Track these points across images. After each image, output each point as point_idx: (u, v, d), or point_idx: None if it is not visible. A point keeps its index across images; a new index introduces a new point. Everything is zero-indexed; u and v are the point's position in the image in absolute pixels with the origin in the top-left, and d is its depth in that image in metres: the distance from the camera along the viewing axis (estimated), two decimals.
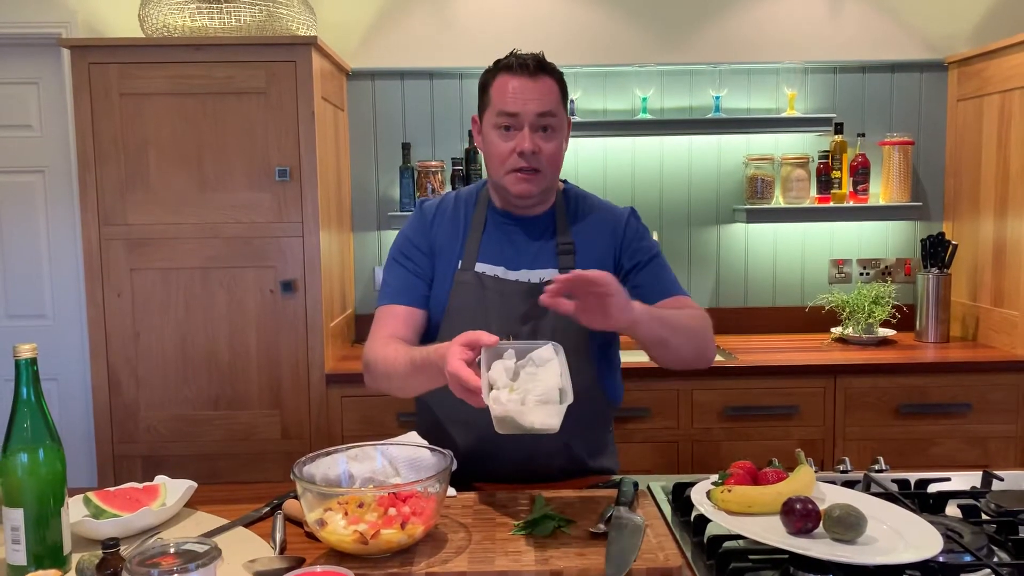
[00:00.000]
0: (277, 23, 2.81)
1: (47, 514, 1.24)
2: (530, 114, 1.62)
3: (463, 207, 1.78)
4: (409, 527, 1.26)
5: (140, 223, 2.73)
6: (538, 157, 1.64)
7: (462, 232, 1.74)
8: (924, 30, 3.32)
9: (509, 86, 1.63)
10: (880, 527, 1.24)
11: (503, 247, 1.72)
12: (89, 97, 2.70)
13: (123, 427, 2.78)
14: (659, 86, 3.34)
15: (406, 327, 1.69)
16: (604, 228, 1.76)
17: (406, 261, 1.74)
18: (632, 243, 1.75)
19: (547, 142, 1.65)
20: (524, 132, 1.63)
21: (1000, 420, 2.82)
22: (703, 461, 2.80)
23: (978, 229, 3.16)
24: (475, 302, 1.67)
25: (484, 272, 1.70)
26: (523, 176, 1.65)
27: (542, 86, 1.64)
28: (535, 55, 1.67)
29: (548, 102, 1.64)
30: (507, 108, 1.63)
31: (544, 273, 1.69)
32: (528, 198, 1.69)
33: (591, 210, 1.78)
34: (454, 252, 1.73)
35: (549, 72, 1.66)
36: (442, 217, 1.77)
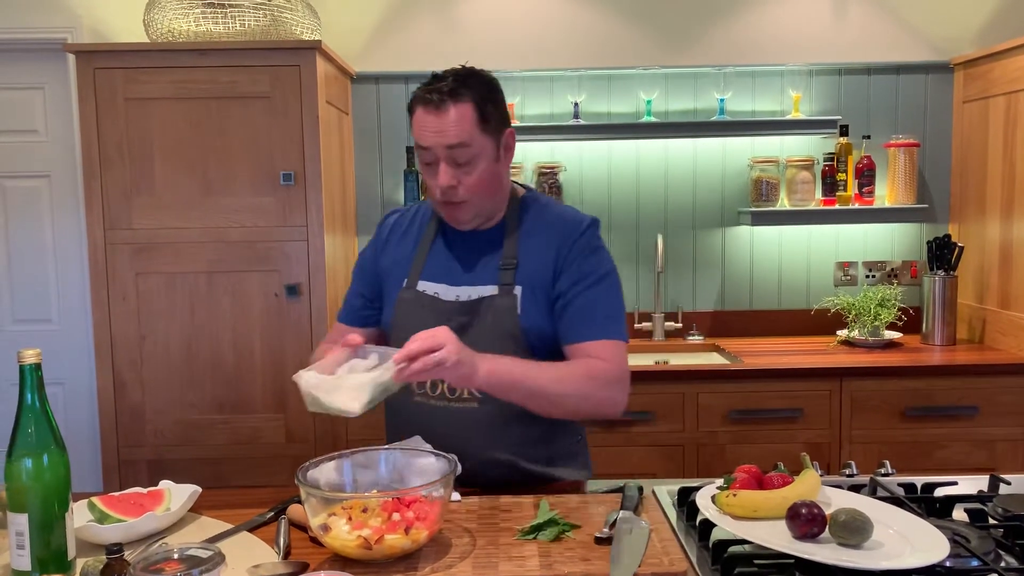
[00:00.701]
0: (281, 27, 2.81)
1: (52, 519, 1.24)
2: (440, 148, 1.58)
3: (417, 223, 1.78)
4: (413, 532, 1.26)
5: (145, 227, 2.74)
6: (456, 191, 1.59)
7: (411, 250, 1.75)
8: (929, 32, 3.31)
9: (420, 120, 1.59)
10: (886, 531, 1.23)
11: (448, 263, 1.71)
12: (94, 102, 2.70)
13: (128, 431, 2.78)
14: (663, 89, 3.34)
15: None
16: (551, 238, 1.67)
17: (354, 281, 1.82)
18: (575, 264, 1.66)
19: (467, 174, 1.59)
20: (440, 167, 1.59)
21: (1007, 423, 2.81)
22: (708, 465, 2.80)
23: (984, 231, 3.14)
24: (414, 320, 1.63)
25: (424, 291, 1.70)
26: (449, 206, 1.64)
27: (450, 116, 1.56)
28: (449, 79, 1.59)
29: (457, 133, 1.56)
30: (420, 142, 1.61)
31: (484, 290, 1.65)
32: (462, 224, 1.68)
33: (544, 219, 1.71)
34: (401, 270, 1.74)
35: (458, 98, 1.57)
36: (395, 234, 1.79)
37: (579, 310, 1.64)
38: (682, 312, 3.40)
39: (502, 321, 1.64)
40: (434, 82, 1.60)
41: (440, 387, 1.64)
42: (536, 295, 1.65)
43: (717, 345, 3.26)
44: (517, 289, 1.65)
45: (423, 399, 1.66)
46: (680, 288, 3.43)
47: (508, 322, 1.63)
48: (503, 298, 1.64)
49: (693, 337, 3.34)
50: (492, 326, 1.63)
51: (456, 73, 1.62)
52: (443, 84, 1.58)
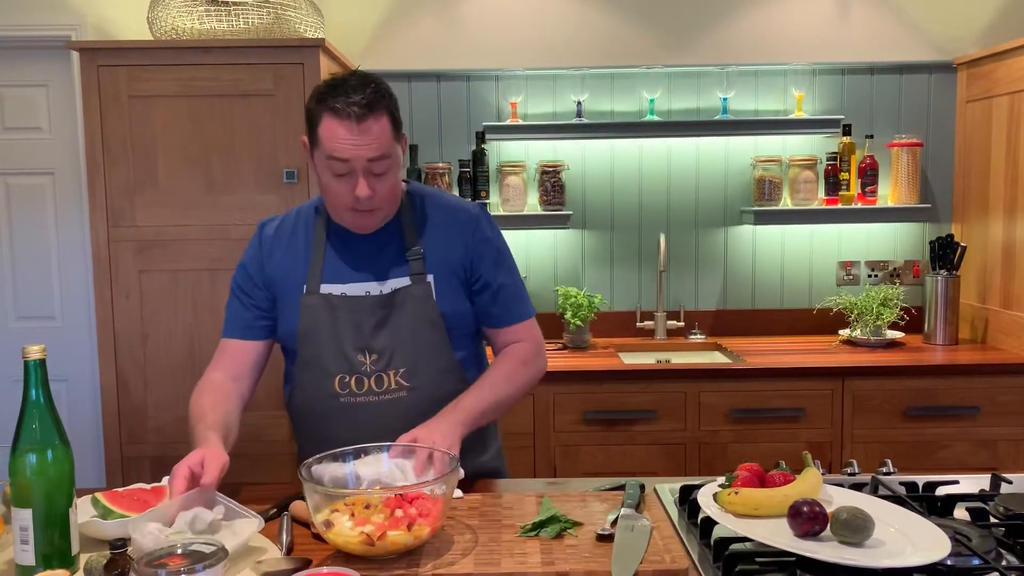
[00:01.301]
0: (285, 25, 2.81)
1: (56, 514, 1.25)
2: (361, 160, 1.55)
3: (302, 228, 1.74)
4: (416, 528, 1.26)
5: (149, 225, 2.74)
6: (372, 200, 1.59)
7: (303, 256, 1.71)
8: (932, 31, 3.31)
9: (338, 133, 1.54)
10: (888, 530, 1.23)
11: (348, 263, 1.69)
12: (98, 99, 2.71)
13: (131, 428, 2.79)
14: (666, 88, 3.34)
15: (235, 363, 1.74)
16: (453, 230, 1.72)
17: (241, 294, 1.75)
18: (484, 253, 1.73)
19: (382, 182, 1.59)
20: (359, 179, 1.56)
21: (1009, 423, 2.81)
22: (710, 463, 2.80)
23: (987, 231, 3.14)
24: (326, 323, 1.66)
25: (330, 292, 1.67)
26: (361, 214, 1.62)
27: (373, 129, 1.55)
28: (365, 91, 1.56)
29: (380, 145, 1.56)
30: (337, 155, 1.55)
31: (395, 282, 1.67)
32: (368, 229, 1.67)
33: (438, 210, 1.75)
34: (297, 277, 1.70)
35: (379, 109, 1.56)
36: (279, 242, 1.74)
37: (497, 298, 1.74)
38: (684, 311, 3.40)
39: (421, 309, 1.67)
40: (346, 92, 1.55)
41: (367, 383, 1.65)
42: (449, 281, 1.70)
43: (719, 344, 3.26)
44: (429, 277, 1.69)
45: (349, 399, 1.66)
46: (682, 287, 3.43)
47: (427, 309, 1.67)
48: (418, 286, 1.68)
49: (695, 336, 3.34)
50: (412, 315, 1.66)
51: (365, 82, 1.58)
52: (360, 96, 1.54)
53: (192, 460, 1.45)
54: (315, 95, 1.60)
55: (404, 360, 1.66)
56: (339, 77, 1.60)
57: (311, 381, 1.69)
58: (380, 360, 1.65)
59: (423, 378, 1.67)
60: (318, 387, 1.68)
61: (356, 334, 1.65)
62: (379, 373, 1.65)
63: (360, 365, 1.65)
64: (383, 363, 1.65)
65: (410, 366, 1.66)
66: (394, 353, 1.65)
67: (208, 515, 1.32)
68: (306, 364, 1.70)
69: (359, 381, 1.66)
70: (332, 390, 1.66)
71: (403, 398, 1.66)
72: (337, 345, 1.66)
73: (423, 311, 1.67)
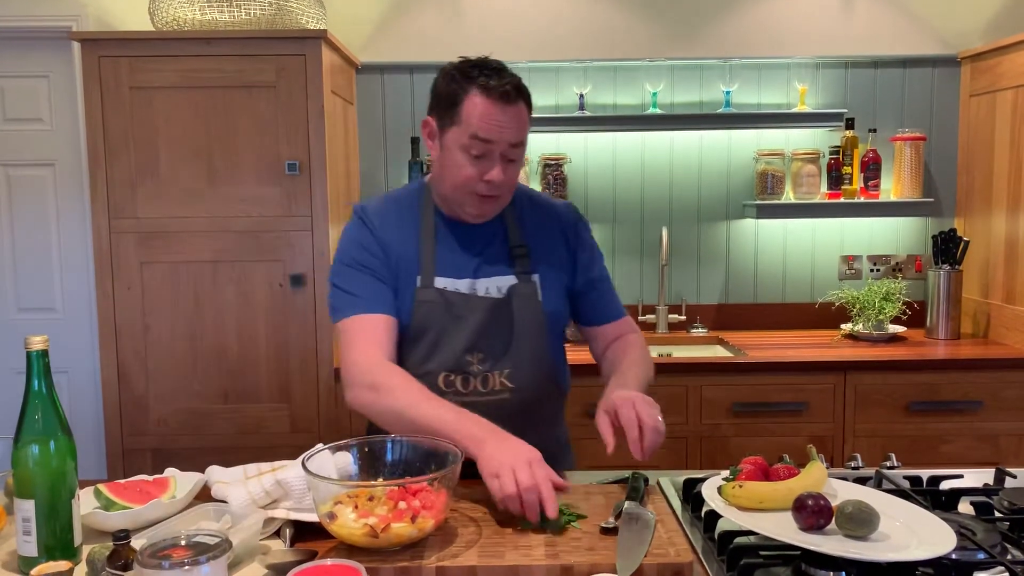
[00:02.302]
0: (287, 17, 2.80)
1: (58, 505, 1.24)
2: (504, 144, 1.55)
3: (408, 212, 1.70)
4: (419, 521, 1.26)
5: (150, 216, 2.74)
6: (503, 184, 1.59)
7: (414, 242, 1.67)
8: (936, 25, 3.29)
9: (487, 111, 1.53)
10: (892, 524, 1.23)
11: (456, 257, 1.67)
12: (99, 90, 2.70)
13: (133, 420, 2.79)
14: (669, 81, 3.33)
15: (388, 338, 1.61)
16: (554, 228, 1.74)
17: (367, 269, 1.64)
18: (584, 251, 1.76)
19: (512, 169, 1.60)
20: (495, 161, 1.56)
21: (1012, 417, 2.81)
22: (712, 458, 2.80)
23: (990, 225, 3.14)
24: (439, 319, 1.64)
25: (445, 288, 1.64)
26: (484, 199, 1.61)
27: (519, 113, 1.56)
28: (511, 76, 1.57)
29: (521, 130, 1.58)
30: (481, 135, 1.54)
31: (502, 281, 1.67)
32: (485, 218, 1.66)
33: (538, 208, 1.76)
34: (411, 264, 1.66)
35: (522, 95, 1.58)
36: (388, 222, 1.68)
37: (600, 293, 1.78)
38: (686, 305, 3.40)
39: (528, 309, 1.67)
40: (494, 73, 1.55)
41: (473, 382, 1.64)
42: (552, 281, 1.71)
43: (721, 338, 3.26)
44: (535, 276, 1.69)
45: (453, 397, 1.62)
46: (684, 281, 3.42)
47: (533, 309, 1.68)
48: (525, 286, 1.67)
49: (697, 330, 3.34)
50: (519, 315, 1.66)
51: (502, 66, 1.59)
52: (508, 79, 1.55)
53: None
54: (455, 74, 1.57)
55: (510, 361, 1.65)
56: (472, 60, 1.59)
57: (415, 375, 1.63)
58: (487, 360, 1.64)
59: (525, 379, 1.67)
60: (423, 382, 1.61)
61: (467, 334, 1.63)
62: (485, 373, 1.64)
63: (468, 365, 1.64)
64: (490, 363, 1.64)
65: (514, 367, 1.66)
66: (502, 354, 1.65)
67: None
68: (413, 358, 1.66)
69: (465, 381, 1.64)
70: (437, 387, 1.63)
71: (505, 399, 1.65)
72: (448, 343, 1.63)
73: (530, 311, 1.67)
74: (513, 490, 1.32)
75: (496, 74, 1.56)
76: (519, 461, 1.35)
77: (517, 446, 1.40)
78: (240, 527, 1.29)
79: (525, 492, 1.32)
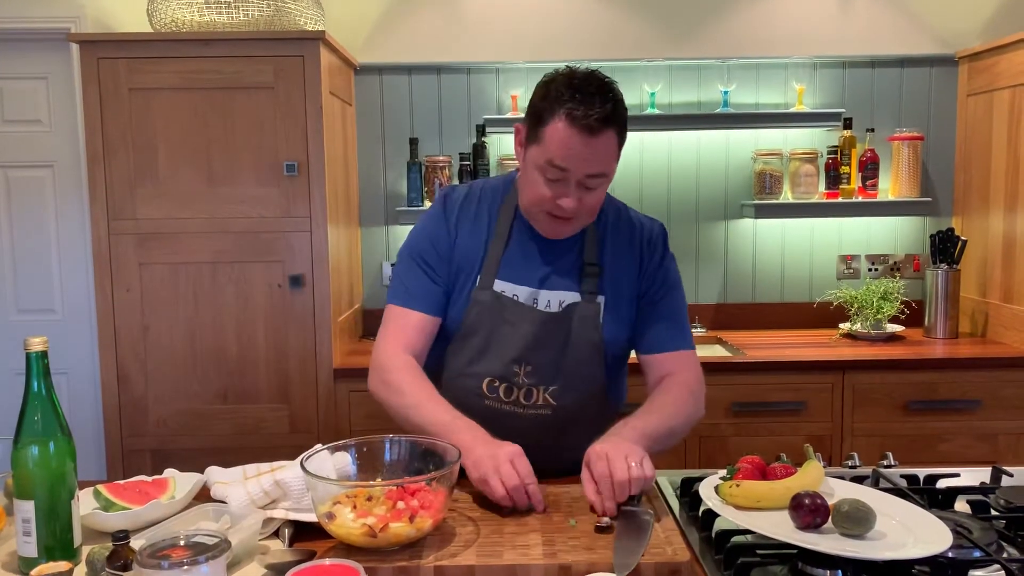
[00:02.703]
0: (285, 18, 2.81)
1: (58, 506, 1.25)
2: (581, 174, 1.50)
3: (487, 208, 1.66)
4: (418, 520, 1.26)
5: (149, 218, 2.74)
6: (578, 210, 1.54)
7: (484, 240, 1.64)
8: (934, 25, 3.30)
9: (565, 140, 1.47)
10: (889, 522, 1.23)
11: (525, 263, 1.63)
12: (98, 92, 2.70)
13: (132, 421, 2.79)
14: (667, 81, 3.34)
15: (420, 336, 1.62)
16: (634, 250, 1.68)
17: (425, 265, 1.64)
18: (655, 278, 1.68)
19: (590, 196, 1.54)
20: (570, 189, 1.51)
21: (1010, 416, 2.81)
22: (711, 457, 2.80)
23: (988, 224, 3.14)
24: (491, 325, 1.61)
25: (503, 292, 1.61)
26: (557, 220, 1.56)
27: (601, 145, 1.48)
28: (604, 99, 1.47)
29: (603, 162, 1.50)
30: (558, 163, 1.49)
31: (565, 296, 1.62)
32: (559, 236, 1.61)
33: (624, 227, 1.69)
34: (475, 261, 1.63)
35: (610, 125, 1.48)
36: (466, 214, 1.66)
37: (662, 318, 1.68)
38: None
39: (585, 329, 1.62)
40: (587, 99, 1.46)
41: (516, 393, 1.62)
42: (619, 305, 1.65)
43: (720, 338, 3.26)
44: (600, 298, 1.64)
45: (494, 403, 1.62)
46: (683, 280, 3.41)
47: (591, 331, 1.63)
48: (587, 306, 1.63)
49: (696, 329, 3.34)
50: (575, 334, 1.62)
51: (604, 90, 1.49)
52: (599, 109, 1.46)
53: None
54: (550, 90, 1.51)
55: (557, 378, 1.62)
56: (578, 75, 1.52)
57: (459, 374, 1.64)
58: (534, 374, 1.61)
59: (571, 398, 1.63)
60: (466, 383, 1.63)
61: (518, 344, 1.60)
62: (530, 387, 1.62)
63: (514, 376, 1.61)
64: (536, 378, 1.62)
65: (561, 385, 1.62)
66: (549, 370, 1.61)
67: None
68: (460, 358, 1.65)
69: (508, 390, 1.62)
70: (479, 390, 1.62)
71: (547, 415, 1.63)
72: (497, 350, 1.61)
73: (587, 332, 1.62)
74: (503, 491, 1.37)
75: (588, 100, 1.46)
76: (501, 461, 1.39)
77: (499, 447, 1.42)
78: (239, 527, 1.30)
79: (513, 492, 1.37)
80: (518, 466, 1.39)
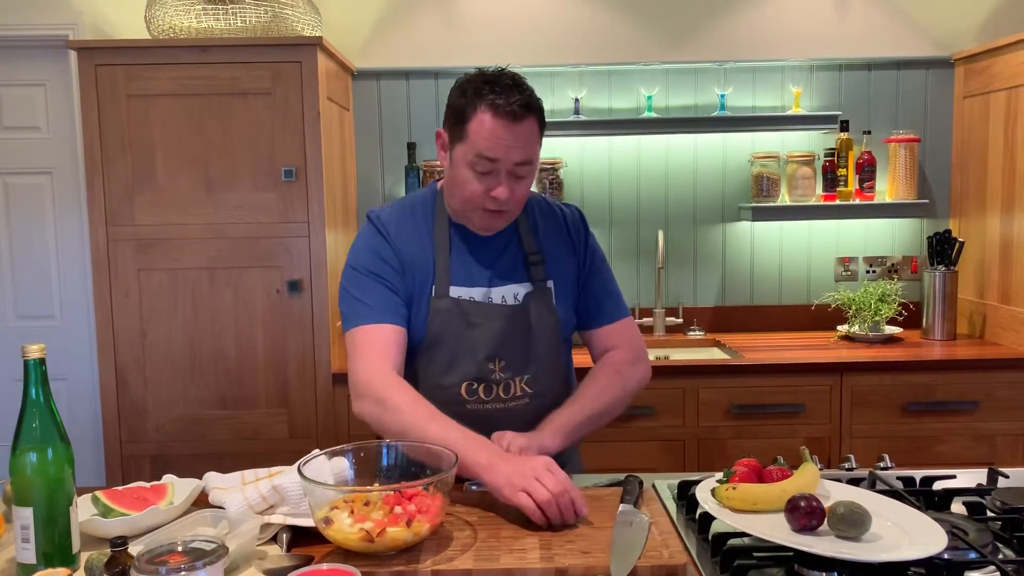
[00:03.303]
0: (282, 24, 2.82)
1: (56, 513, 1.25)
2: (509, 162, 1.55)
3: (421, 220, 1.69)
4: (415, 525, 1.26)
5: (147, 224, 2.75)
6: (508, 201, 1.58)
7: (429, 250, 1.67)
8: (930, 27, 3.31)
9: (492, 130, 1.52)
10: (885, 524, 1.24)
11: (472, 266, 1.67)
12: (96, 98, 2.71)
13: (131, 427, 2.80)
14: (664, 84, 3.34)
15: (397, 350, 1.61)
16: (563, 232, 1.76)
17: (380, 278, 1.64)
18: (587, 256, 1.77)
19: (520, 186, 1.59)
20: (501, 179, 1.56)
21: (1008, 418, 2.81)
22: (709, 459, 2.80)
23: (985, 226, 3.15)
24: (457, 329, 1.64)
25: (461, 297, 1.65)
26: (491, 214, 1.61)
27: (526, 131, 1.54)
28: (520, 89, 1.55)
29: (529, 149, 1.56)
30: (487, 154, 1.54)
31: (518, 288, 1.69)
32: (493, 231, 1.67)
33: (548, 213, 1.77)
34: (425, 273, 1.65)
35: (533, 111, 1.55)
36: (402, 230, 1.68)
37: (597, 294, 1.76)
38: (683, 307, 3.41)
39: (544, 315, 1.69)
40: (504, 89, 1.53)
41: (495, 390, 1.66)
42: (565, 287, 1.73)
43: (718, 340, 3.26)
44: (550, 282, 1.71)
45: (476, 405, 1.65)
46: (681, 283, 3.43)
47: (548, 315, 1.70)
48: (541, 293, 1.69)
49: (694, 332, 3.35)
50: (536, 321, 1.68)
51: (518, 82, 1.56)
52: (518, 96, 1.53)
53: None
54: (467, 89, 1.56)
55: (530, 367, 1.67)
56: (488, 73, 1.57)
57: (436, 384, 1.65)
58: (509, 367, 1.66)
59: (543, 384, 1.70)
60: (445, 393, 1.64)
61: (489, 341, 1.64)
62: (508, 380, 1.66)
63: (491, 373, 1.65)
64: (511, 371, 1.66)
65: (533, 373, 1.68)
66: (523, 360, 1.66)
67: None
68: (433, 368, 1.66)
69: (488, 388, 1.65)
70: (460, 397, 1.65)
71: (526, 405, 1.68)
72: (468, 352, 1.64)
73: (545, 317, 1.69)
74: (547, 496, 1.34)
75: (507, 91, 1.53)
76: (539, 470, 1.38)
77: (528, 460, 1.42)
78: (237, 532, 1.30)
79: (559, 496, 1.35)
80: (556, 473, 1.39)
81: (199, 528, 1.35)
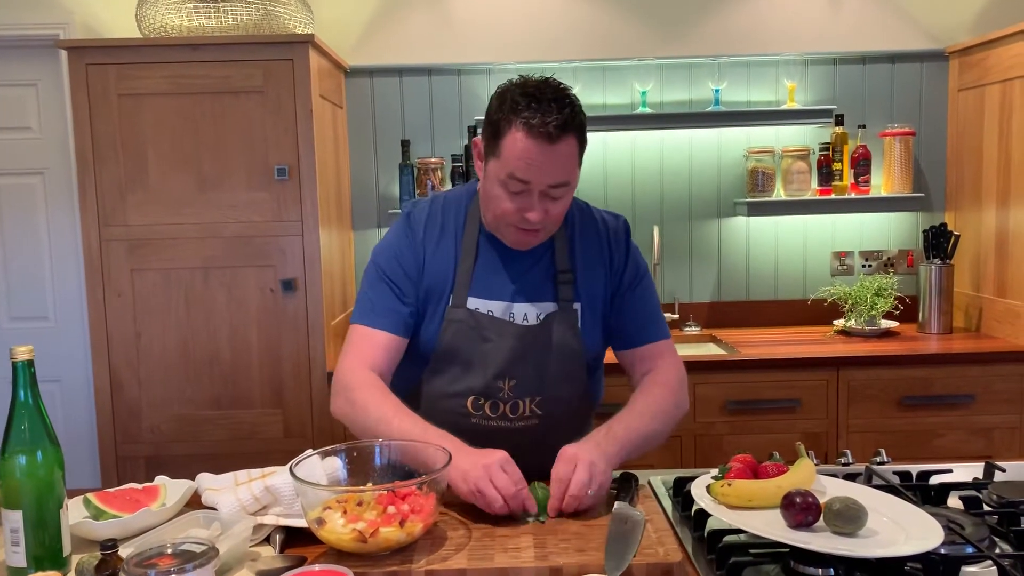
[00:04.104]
0: (274, 21, 2.80)
1: (46, 516, 1.24)
2: (543, 184, 1.47)
3: (452, 222, 1.63)
4: (408, 525, 1.26)
5: (140, 224, 2.73)
6: (544, 220, 1.51)
7: (453, 256, 1.61)
8: (924, 20, 3.30)
9: (525, 150, 1.44)
10: (881, 519, 1.23)
11: (496, 277, 1.60)
12: (87, 98, 2.70)
13: (126, 428, 2.78)
14: (658, 80, 3.34)
15: (384, 355, 1.59)
16: (602, 250, 1.66)
17: (392, 284, 1.62)
18: (626, 265, 1.67)
19: (555, 206, 1.51)
20: (533, 202, 1.48)
21: (1004, 411, 2.81)
22: (706, 455, 2.80)
23: (980, 219, 3.14)
24: (470, 342, 1.58)
25: (477, 309, 1.59)
26: (524, 232, 1.54)
27: (562, 152, 1.45)
28: (560, 105, 1.44)
29: (565, 171, 1.48)
30: (519, 175, 1.46)
31: (541, 308, 1.60)
32: (526, 247, 1.59)
33: (589, 228, 1.67)
34: (446, 280, 1.60)
35: (572, 131, 1.46)
36: (431, 232, 1.63)
37: (636, 312, 1.66)
38: (678, 303, 3.40)
39: (565, 338, 1.61)
40: (542, 107, 1.43)
41: (502, 408, 1.60)
42: (594, 308, 1.64)
43: (714, 336, 3.26)
44: (577, 304, 1.62)
45: (480, 421, 1.60)
46: (676, 279, 3.43)
47: (571, 338, 1.61)
48: (565, 314, 1.61)
49: (690, 328, 3.34)
50: (555, 343, 1.60)
51: (561, 96, 1.46)
52: (556, 116, 1.43)
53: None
54: (505, 100, 1.48)
55: (542, 389, 1.60)
56: (532, 84, 1.49)
57: (443, 396, 1.62)
58: (518, 388, 1.59)
59: (556, 406, 1.62)
60: (450, 404, 1.61)
61: (500, 359, 1.58)
62: (516, 400, 1.60)
63: (498, 391, 1.59)
64: (521, 391, 1.59)
65: (546, 395, 1.61)
66: (533, 382, 1.59)
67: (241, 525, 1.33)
68: (441, 379, 1.63)
69: (494, 406, 1.59)
70: (464, 410, 1.60)
71: (534, 426, 1.61)
72: (479, 368, 1.58)
73: (567, 340, 1.60)
74: (500, 501, 1.35)
75: (545, 107, 1.44)
76: (493, 470, 1.36)
77: (483, 455, 1.40)
78: (230, 533, 1.29)
79: (511, 500, 1.35)
80: (510, 472, 1.38)
81: (191, 530, 1.34)
